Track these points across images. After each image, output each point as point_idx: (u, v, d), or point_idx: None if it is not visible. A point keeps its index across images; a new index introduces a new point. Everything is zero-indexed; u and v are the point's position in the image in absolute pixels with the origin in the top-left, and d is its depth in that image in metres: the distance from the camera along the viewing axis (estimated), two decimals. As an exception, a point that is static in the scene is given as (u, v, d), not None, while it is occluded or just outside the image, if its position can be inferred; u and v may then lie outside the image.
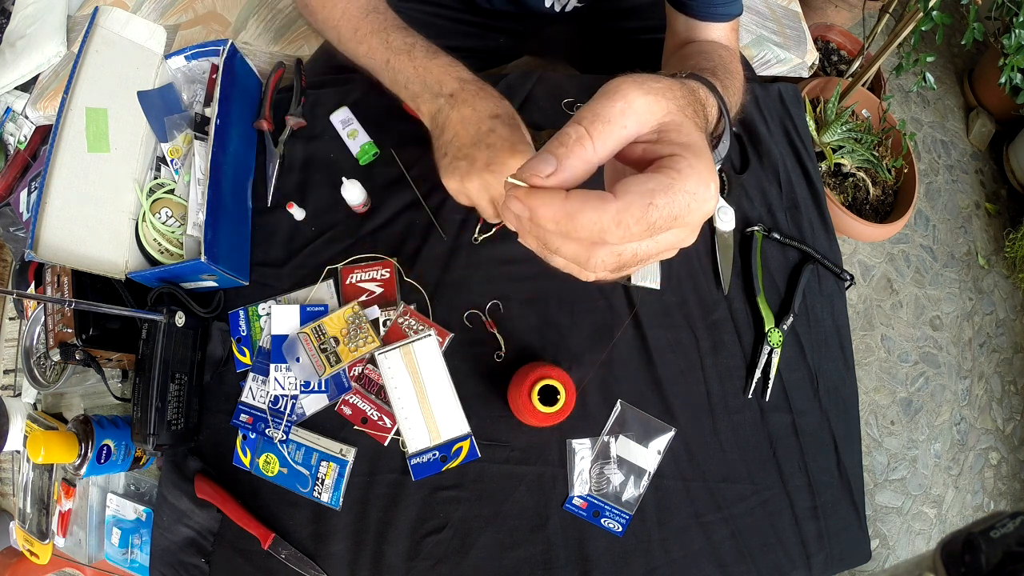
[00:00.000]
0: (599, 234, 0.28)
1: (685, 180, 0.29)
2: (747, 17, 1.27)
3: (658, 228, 0.29)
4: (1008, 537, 0.41)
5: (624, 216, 0.28)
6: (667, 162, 0.30)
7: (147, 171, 0.70)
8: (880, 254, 1.77)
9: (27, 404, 0.78)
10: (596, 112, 0.30)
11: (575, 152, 0.29)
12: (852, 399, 0.76)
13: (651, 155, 0.32)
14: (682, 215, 0.29)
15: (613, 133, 0.30)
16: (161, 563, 0.63)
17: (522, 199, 0.29)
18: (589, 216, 0.28)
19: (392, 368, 0.66)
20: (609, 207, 0.28)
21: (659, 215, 0.28)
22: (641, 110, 0.31)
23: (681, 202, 0.28)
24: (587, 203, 0.28)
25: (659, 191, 0.28)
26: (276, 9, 1.03)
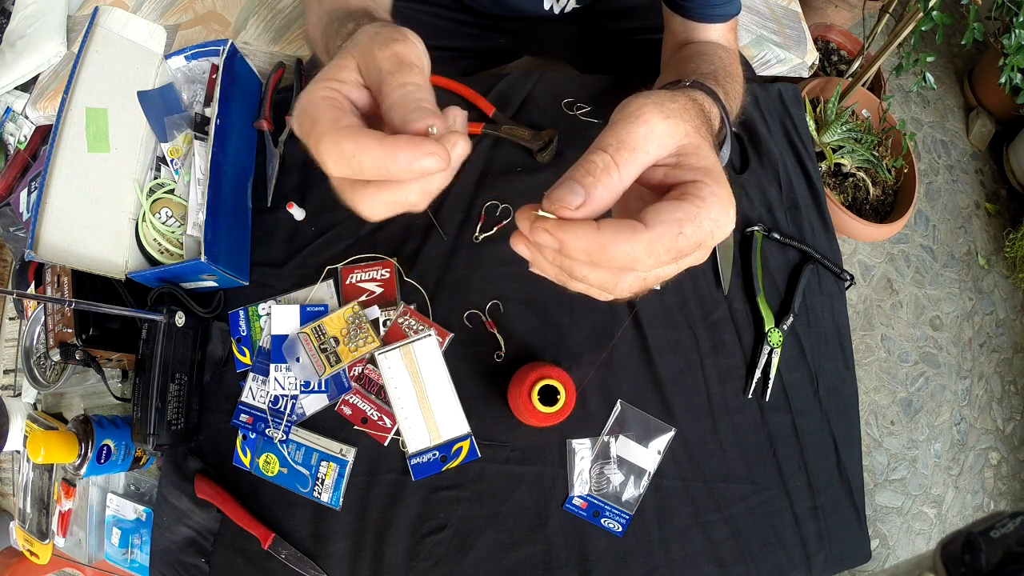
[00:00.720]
0: (631, 263, 0.29)
1: (710, 208, 0.30)
2: (747, 17, 1.27)
3: (683, 254, 0.30)
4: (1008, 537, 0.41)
5: (656, 246, 0.28)
6: (691, 189, 0.31)
7: (147, 171, 0.70)
8: (880, 254, 1.77)
9: (27, 404, 0.78)
10: (621, 139, 0.30)
11: (603, 182, 0.29)
12: (852, 399, 0.76)
13: (672, 180, 0.32)
14: (706, 241, 0.30)
15: (637, 160, 0.30)
16: (161, 563, 0.63)
17: (552, 232, 0.29)
18: (623, 248, 0.28)
19: (392, 368, 0.66)
20: (641, 238, 0.28)
21: (687, 243, 0.29)
22: (662, 135, 0.31)
23: (706, 229, 0.30)
24: (620, 235, 0.28)
25: (687, 220, 0.29)
26: (276, 9, 1.03)
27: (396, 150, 0.29)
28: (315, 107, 0.32)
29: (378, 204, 0.32)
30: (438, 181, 0.32)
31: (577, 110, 0.79)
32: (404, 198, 0.31)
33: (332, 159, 0.30)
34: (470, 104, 0.77)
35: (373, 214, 0.32)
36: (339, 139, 0.30)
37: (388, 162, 0.29)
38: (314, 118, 0.32)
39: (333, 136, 0.30)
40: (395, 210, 0.32)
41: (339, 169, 0.30)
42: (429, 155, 0.29)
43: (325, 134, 0.31)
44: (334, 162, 0.30)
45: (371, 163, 0.29)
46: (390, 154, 0.29)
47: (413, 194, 0.31)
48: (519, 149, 0.76)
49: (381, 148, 0.29)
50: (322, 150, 0.31)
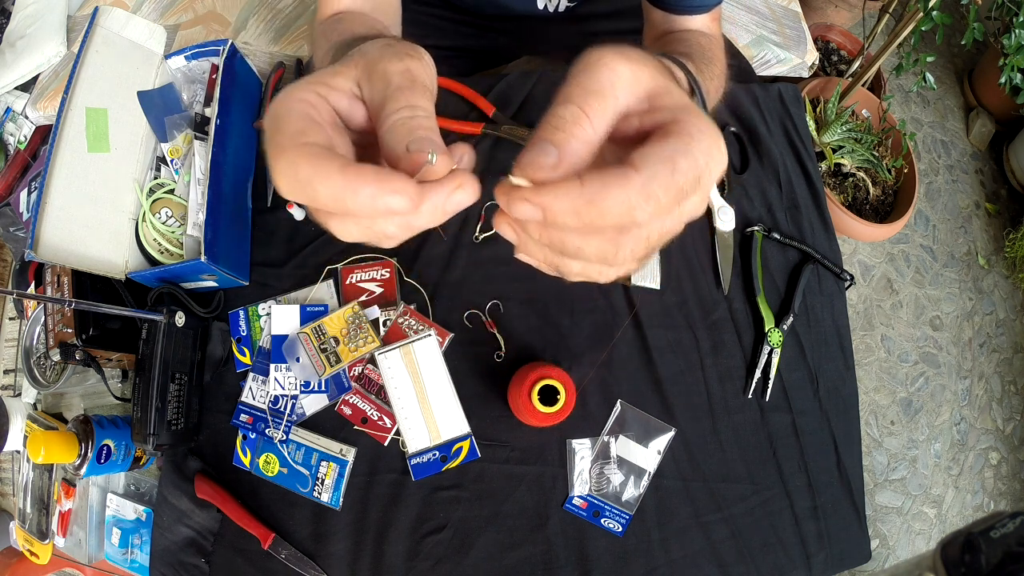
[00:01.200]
0: (628, 214, 0.25)
1: (699, 140, 0.26)
2: (747, 17, 1.27)
3: (683, 194, 0.26)
4: (1008, 537, 0.41)
5: (652, 187, 0.25)
6: (673, 127, 0.27)
7: (147, 171, 0.70)
8: (880, 254, 1.77)
9: (27, 404, 0.78)
10: (586, 87, 0.27)
11: (575, 134, 0.26)
12: (852, 399, 0.76)
13: (649, 125, 0.29)
14: (703, 177, 0.26)
15: (608, 107, 0.27)
16: (161, 563, 0.63)
17: (532, 199, 0.25)
18: (615, 196, 0.24)
19: (392, 368, 0.66)
20: (634, 181, 0.24)
21: (684, 179, 0.25)
22: (628, 78, 0.28)
23: (700, 162, 0.26)
24: (609, 183, 0.24)
25: (679, 154, 0.26)
26: (276, 9, 1.03)
27: (359, 182, 0.25)
28: (284, 112, 0.28)
29: (352, 226, 0.28)
30: (426, 215, 0.27)
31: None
32: (382, 227, 0.27)
33: (285, 181, 0.26)
34: (470, 104, 0.77)
35: (345, 234, 0.28)
36: (296, 159, 0.26)
37: (347, 195, 0.25)
38: (278, 126, 0.28)
39: (290, 155, 0.26)
40: (368, 237, 0.28)
41: (292, 194, 0.26)
42: (395, 193, 0.25)
43: (283, 150, 0.26)
44: (287, 185, 0.26)
45: (328, 194, 0.25)
46: (351, 186, 0.25)
47: (393, 225, 0.27)
48: (519, 149, 0.76)
49: (341, 178, 0.25)
50: (277, 167, 0.26)
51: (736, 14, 1.26)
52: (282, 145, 0.27)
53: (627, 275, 0.31)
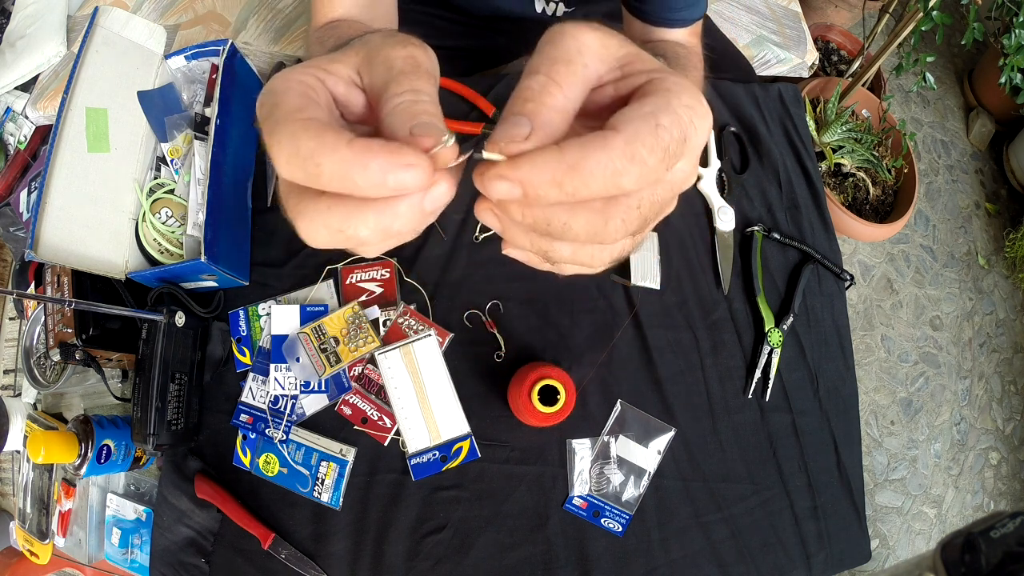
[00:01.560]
0: (613, 179, 0.23)
1: (678, 95, 0.25)
2: (747, 17, 1.27)
3: (672, 155, 0.24)
4: (1008, 537, 0.41)
5: (636, 147, 0.23)
6: (649, 87, 0.26)
7: (147, 171, 0.70)
8: (880, 254, 1.77)
9: (27, 404, 0.78)
10: (551, 56, 0.26)
11: (545, 102, 0.24)
12: (852, 399, 0.76)
13: (625, 91, 0.27)
14: (689, 135, 0.25)
15: (577, 73, 0.26)
16: (161, 563, 0.63)
17: (508, 173, 0.23)
18: (597, 159, 0.22)
19: (392, 368, 0.66)
20: (615, 142, 0.23)
21: (670, 137, 0.24)
22: (596, 46, 0.27)
23: (684, 118, 0.24)
24: (588, 146, 0.22)
25: (660, 111, 0.24)
26: (276, 9, 1.03)
27: (368, 155, 0.22)
28: (283, 89, 0.26)
29: (321, 227, 0.25)
30: (404, 217, 0.24)
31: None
32: (355, 229, 0.24)
33: (285, 155, 0.24)
34: (470, 104, 0.77)
35: (312, 236, 0.26)
36: (297, 131, 0.24)
37: (355, 170, 0.22)
38: (276, 100, 0.25)
39: (291, 127, 0.24)
40: (339, 242, 0.25)
41: (291, 170, 0.24)
42: (409, 167, 0.23)
43: (282, 122, 0.24)
44: (286, 160, 0.24)
45: (333, 169, 0.23)
46: (360, 159, 0.22)
47: (367, 227, 0.24)
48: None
49: (349, 151, 0.22)
50: (274, 141, 0.24)
51: (736, 14, 1.26)
52: (280, 119, 0.24)
53: (621, 256, 0.28)
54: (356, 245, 0.26)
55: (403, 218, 0.24)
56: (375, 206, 0.24)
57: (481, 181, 0.24)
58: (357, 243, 0.25)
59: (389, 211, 0.24)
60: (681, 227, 0.76)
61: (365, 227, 0.24)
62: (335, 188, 0.23)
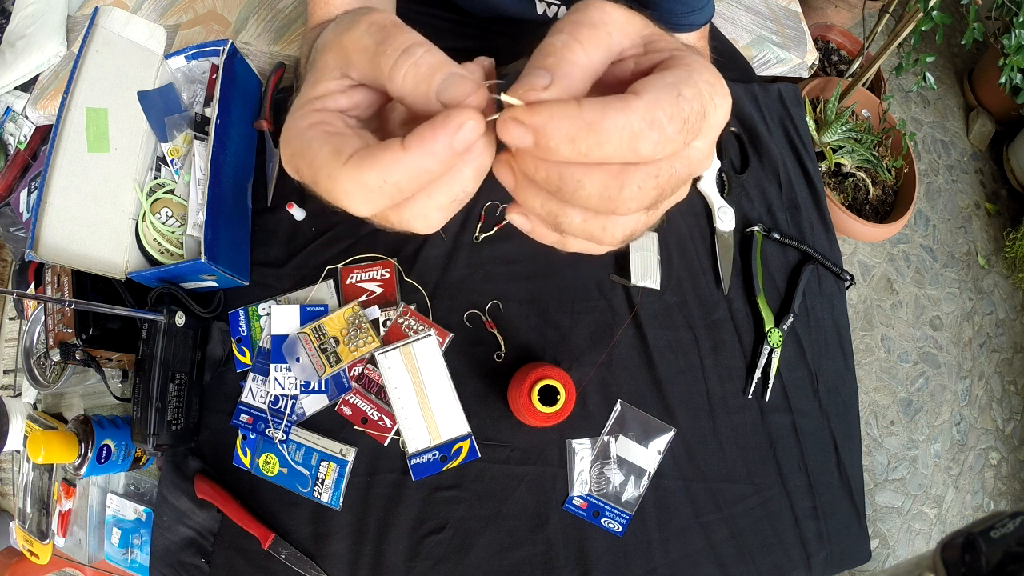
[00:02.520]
0: (631, 142, 0.22)
1: (700, 71, 0.25)
2: (747, 17, 1.27)
3: (691, 128, 0.24)
4: (1008, 537, 0.41)
5: (655, 113, 0.22)
6: (671, 61, 0.26)
7: (147, 171, 0.70)
8: (880, 254, 1.77)
9: (27, 404, 0.78)
10: (575, 19, 0.25)
11: (567, 57, 0.24)
12: (852, 399, 0.76)
13: (647, 65, 0.27)
14: (708, 110, 0.25)
15: (600, 38, 0.25)
16: (161, 563, 0.63)
17: (523, 118, 0.22)
18: (615, 120, 0.22)
19: (392, 368, 0.66)
20: (636, 105, 0.22)
21: (690, 108, 0.23)
22: (621, 20, 0.27)
23: (705, 94, 0.24)
24: (608, 106, 0.22)
25: (681, 82, 0.24)
26: (276, 9, 1.03)
27: (429, 142, 0.23)
28: (305, 146, 0.26)
29: (433, 212, 0.26)
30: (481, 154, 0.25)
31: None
32: (459, 189, 0.25)
33: (360, 199, 0.24)
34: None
35: (433, 225, 0.26)
36: (355, 174, 0.24)
37: (428, 161, 0.23)
38: (310, 161, 0.26)
39: (347, 174, 0.24)
40: (455, 208, 0.26)
41: (374, 204, 0.25)
42: (463, 123, 0.23)
43: (335, 176, 0.25)
44: (363, 200, 0.24)
45: (408, 176, 0.23)
46: (426, 151, 0.23)
47: (467, 179, 0.25)
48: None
49: (411, 153, 0.23)
50: (341, 194, 0.25)
51: (736, 14, 1.26)
52: (330, 173, 0.25)
53: (633, 235, 0.28)
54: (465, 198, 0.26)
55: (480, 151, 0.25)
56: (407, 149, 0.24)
57: (498, 125, 0.24)
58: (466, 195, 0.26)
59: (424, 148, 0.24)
60: (681, 227, 0.76)
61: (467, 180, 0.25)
62: (420, 188, 0.24)
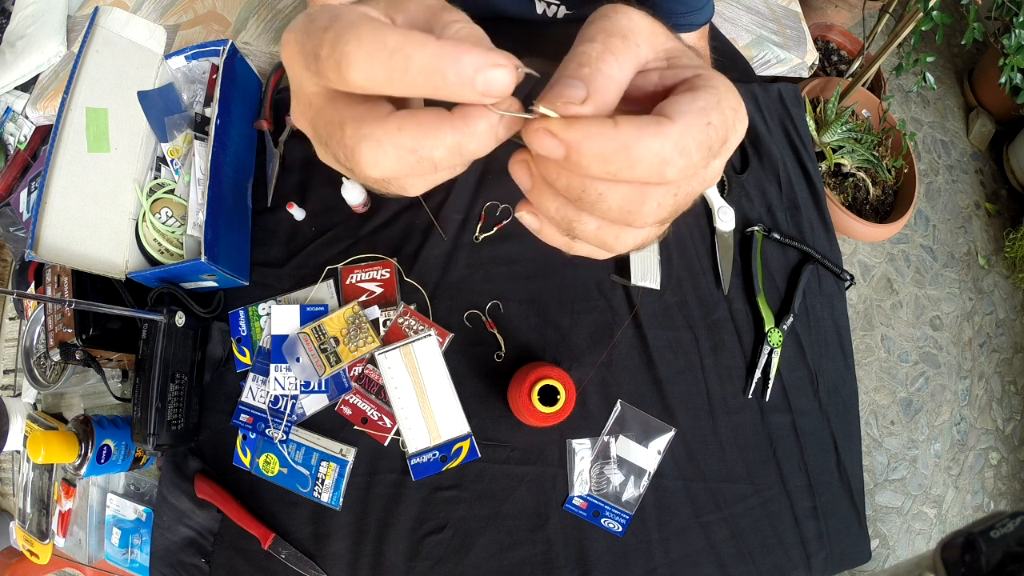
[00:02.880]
0: (660, 167, 0.23)
1: (726, 95, 0.25)
2: (747, 17, 1.27)
3: (714, 153, 0.24)
4: (1008, 537, 0.41)
5: (686, 140, 0.23)
6: (698, 82, 0.26)
7: (147, 171, 0.70)
8: (880, 254, 1.77)
9: (27, 404, 0.78)
10: (606, 28, 0.25)
11: (602, 69, 0.23)
12: (852, 399, 0.76)
13: (670, 81, 0.27)
14: (730, 136, 0.25)
15: (631, 50, 0.25)
16: (161, 563, 0.63)
17: (559, 133, 0.22)
18: (650, 145, 0.22)
19: (392, 368, 0.66)
20: (670, 132, 0.22)
21: (716, 135, 0.24)
22: (647, 31, 0.26)
23: (729, 120, 0.25)
24: (644, 130, 0.22)
25: (711, 109, 0.24)
26: (276, 9, 1.03)
27: (460, 49, 0.21)
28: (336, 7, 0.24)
29: (391, 148, 0.23)
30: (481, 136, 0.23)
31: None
32: (430, 149, 0.23)
33: (365, 51, 0.22)
34: (470, 104, 0.77)
35: (378, 162, 0.24)
36: (380, 28, 0.22)
37: (447, 64, 0.21)
38: (334, 14, 0.23)
39: (372, 25, 0.22)
40: (407, 165, 0.24)
41: (370, 67, 0.22)
42: (499, 66, 0.22)
43: (358, 23, 0.22)
44: (367, 55, 0.21)
45: (423, 62, 0.21)
46: (452, 53, 0.21)
47: (443, 146, 0.23)
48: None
49: (439, 45, 0.21)
50: (348, 39, 0.22)
51: (736, 14, 1.26)
52: (354, 21, 0.22)
53: (644, 244, 0.28)
54: (423, 170, 0.24)
55: (480, 137, 0.24)
56: (453, 123, 0.23)
57: (527, 132, 0.23)
58: (428, 166, 0.24)
59: (468, 128, 0.23)
60: (681, 227, 0.76)
61: (442, 145, 0.23)
62: (416, 86, 0.22)
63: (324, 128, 0.25)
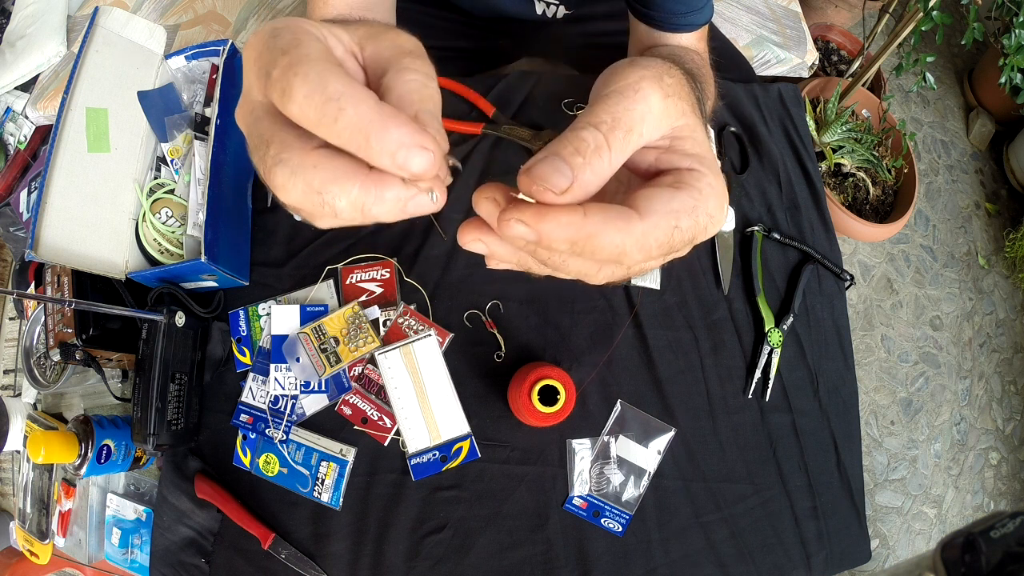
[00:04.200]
0: (618, 254, 0.25)
1: (707, 201, 0.27)
2: (747, 17, 1.27)
3: (675, 251, 0.26)
4: (1008, 537, 0.41)
5: (648, 239, 0.25)
6: (687, 178, 0.27)
7: (147, 171, 0.70)
8: (880, 254, 1.77)
9: (27, 404, 0.78)
10: (616, 117, 0.26)
11: (593, 165, 0.25)
12: (852, 399, 0.76)
13: (664, 165, 0.29)
14: (697, 237, 0.27)
15: (631, 142, 0.26)
16: (161, 563, 0.63)
17: (531, 223, 0.24)
18: (611, 238, 0.24)
19: (392, 368, 0.66)
20: (634, 228, 0.25)
21: (681, 238, 0.26)
22: (659, 115, 0.27)
23: (701, 224, 0.26)
24: (610, 223, 0.24)
25: (683, 213, 0.26)
26: (276, 9, 1.03)
27: (393, 121, 0.22)
28: (299, 31, 0.24)
29: (300, 183, 0.23)
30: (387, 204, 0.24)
31: (577, 110, 0.79)
32: (335, 196, 0.23)
33: (307, 89, 0.22)
34: (470, 104, 0.77)
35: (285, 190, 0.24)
36: (327, 72, 0.22)
37: (374, 129, 0.22)
38: (297, 38, 0.24)
39: (322, 65, 0.22)
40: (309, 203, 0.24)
41: (305, 105, 0.22)
42: (424, 150, 0.22)
43: (312, 59, 0.23)
44: (306, 94, 0.22)
45: (353, 119, 0.21)
46: (384, 121, 0.22)
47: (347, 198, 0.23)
48: (519, 149, 0.76)
49: (376, 110, 0.22)
50: (295, 73, 0.22)
51: (736, 14, 1.26)
52: (307, 55, 0.23)
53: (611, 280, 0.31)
54: (324, 213, 0.24)
55: (385, 204, 0.24)
56: (364, 180, 0.23)
57: (497, 220, 0.25)
58: (328, 211, 0.24)
59: (375, 191, 0.23)
60: (681, 227, 0.76)
61: (346, 197, 0.23)
62: (341, 138, 0.22)
63: (255, 137, 0.26)
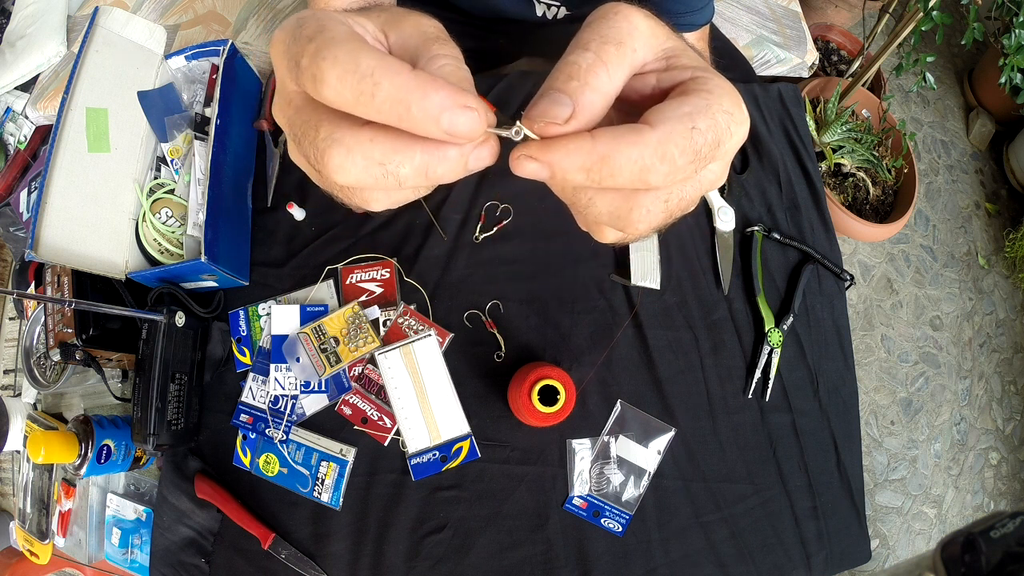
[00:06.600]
0: (641, 174, 0.23)
1: (720, 99, 0.25)
2: (747, 17, 1.27)
3: (703, 158, 0.24)
4: (1008, 537, 0.41)
5: (668, 146, 0.23)
6: (692, 85, 0.26)
7: (147, 171, 0.70)
8: (880, 254, 1.77)
9: (27, 404, 0.78)
10: (603, 34, 0.25)
11: (590, 82, 0.24)
12: (852, 399, 0.76)
13: (666, 84, 0.27)
14: (723, 139, 0.25)
15: (626, 57, 0.25)
16: (161, 563, 0.63)
17: (538, 157, 0.23)
18: (627, 154, 0.23)
19: (392, 368, 0.66)
20: (648, 138, 0.23)
21: (703, 140, 0.24)
22: (646, 33, 0.26)
23: (721, 123, 0.24)
24: (621, 139, 0.23)
25: (697, 113, 0.24)
26: (276, 9, 1.03)
27: (432, 86, 0.21)
28: (325, 18, 0.24)
29: (360, 158, 0.23)
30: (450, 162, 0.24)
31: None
32: (398, 165, 0.23)
33: (338, 71, 0.22)
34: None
35: (345, 168, 0.23)
36: (358, 49, 0.22)
37: (415, 97, 0.21)
38: (322, 24, 0.23)
39: (350, 44, 0.22)
40: (372, 177, 0.24)
41: (341, 87, 0.22)
42: (467, 109, 0.22)
43: (339, 40, 0.22)
44: (339, 76, 0.22)
45: (391, 91, 0.21)
46: (422, 87, 0.21)
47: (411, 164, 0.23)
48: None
49: (413, 76, 0.21)
50: (324, 56, 0.22)
51: (736, 14, 1.26)
52: (335, 38, 0.22)
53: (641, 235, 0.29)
54: (387, 185, 0.24)
55: (449, 163, 0.24)
56: (424, 143, 0.23)
57: (512, 163, 0.24)
58: (392, 182, 0.24)
59: (439, 152, 0.23)
60: (681, 227, 0.76)
61: (410, 163, 0.23)
62: (382, 113, 0.22)
63: (300, 126, 0.25)
